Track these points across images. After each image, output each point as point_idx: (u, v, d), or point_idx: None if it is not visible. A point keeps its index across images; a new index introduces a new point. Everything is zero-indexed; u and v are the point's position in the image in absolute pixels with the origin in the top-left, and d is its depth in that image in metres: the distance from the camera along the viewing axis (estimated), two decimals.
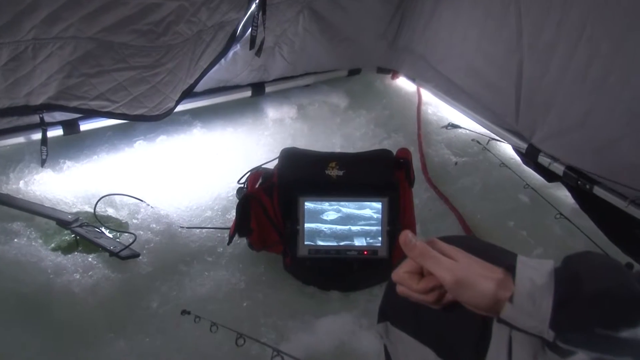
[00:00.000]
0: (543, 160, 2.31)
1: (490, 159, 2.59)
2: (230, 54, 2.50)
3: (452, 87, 2.75)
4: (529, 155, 2.38)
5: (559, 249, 2.12)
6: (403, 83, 3.17)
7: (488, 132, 2.64)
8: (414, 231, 1.99)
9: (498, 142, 2.66)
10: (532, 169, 2.44)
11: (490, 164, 2.57)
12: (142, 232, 2.08)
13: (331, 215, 1.88)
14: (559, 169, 2.25)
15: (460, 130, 2.81)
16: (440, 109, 2.97)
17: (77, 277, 1.88)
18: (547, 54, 2.19)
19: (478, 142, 2.66)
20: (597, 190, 2.11)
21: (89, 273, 1.90)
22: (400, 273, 0.94)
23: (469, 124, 2.80)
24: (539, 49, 2.23)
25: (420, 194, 2.36)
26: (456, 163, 2.61)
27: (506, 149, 2.63)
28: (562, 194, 2.37)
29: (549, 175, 2.36)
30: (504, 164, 2.49)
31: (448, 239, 0.94)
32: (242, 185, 2.12)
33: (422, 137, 2.76)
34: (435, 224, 2.24)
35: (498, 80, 2.46)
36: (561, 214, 2.17)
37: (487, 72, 2.51)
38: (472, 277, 0.86)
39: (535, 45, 2.25)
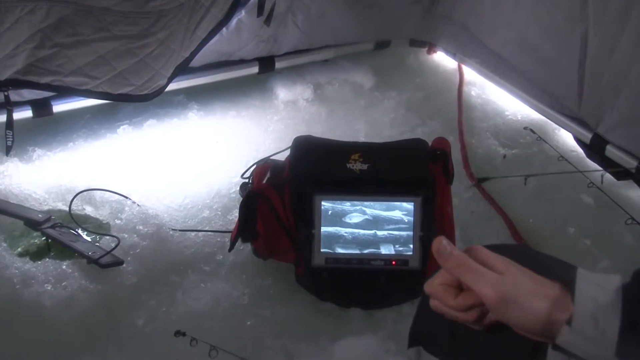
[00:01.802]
0: (611, 153, 2.30)
1: (546, 151, 2.57)
2: (234, 21, 2.51)
3: (501, 63, 2.74)
4: (594, 147, 2.36)
5: (629, 261, 2.11)
6: (441, 58, 3.16)
7: (544, 118, 2.63)
8: (452, 238, 1.98)
9: (556, 131, 2.65)
10: (598, 164, 2.43)
11: (546, 158, 2.55)
12: (126, 235, 2.08)
13: (353, 218, 1.88)
14: (630, 163, 2.23)
15: (509, 115, 2.80)
16: (485, 91, 2.97)
17: (49, 288, 1.89)
18: (617, 24, 2.17)
19: (532, 130, 2.64)
20: None
21: (63, 283, 1.91)
22: (434, 285, 0.94)
23: (520, 109, 2.79)
24: (607, 17, 2.22)
25: (461, 193, 2.36)
26: (505, 156, 2.61)
27: (566, 139, 2.62)
28: (635, 195, 2.35)
29: (619, 172, 2.34)
30: (563, 157, 2.48)
31: (493, 248, 0.93)
32: (247, 181, 2.13)
33: (463, 125, 2.76)
34: (479, 229, 2.23)
35: (557, 56, 2.44)
36: (633, 219, 2.15)
37: (544, 46, 2.50)
38: (521, 295, 0.85)
39: (602, 13, 2.23)
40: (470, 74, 3.02)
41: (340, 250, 1.89)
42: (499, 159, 2.59)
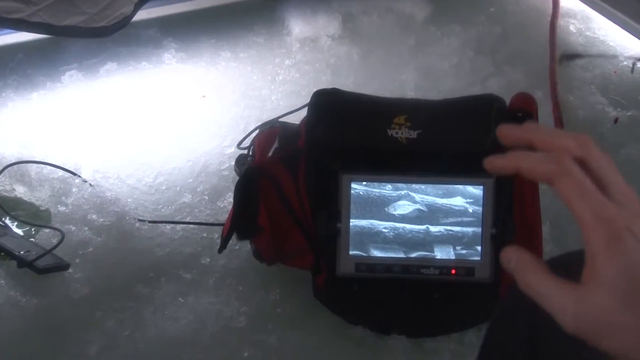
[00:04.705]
0: None
1: None
2: None
3: None
4: None
5: None
6: None
7: None
8: (537, 236, 1.96)
9: None
10: None
11: None
12: (73, 228, 2.11)
13: (398, 208, 1.88)
14: None
15: (623, 62, 2.79)
16: (590, 25, 2.95)
17: None
18: None
19: None
20: None
21: None
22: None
23: None
24: None
25: None
26: (616, 120, 2.60)
27: None
28: None
29: None
30: None
31: (567, 258, 0.93)
32: (246, 152, 2.14)
33: (556, 74, 2.75)
34: (576, 224, 2.22)
35: None
36: None
37: None
38: (605, 325, 0.85)
39: None
40: (569, 1, 3.01)
41: (377, 253, 1.89)
42: (608, 124, 2.59)
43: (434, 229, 1.88)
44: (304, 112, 1.99)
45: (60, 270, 1.98)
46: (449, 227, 1.88)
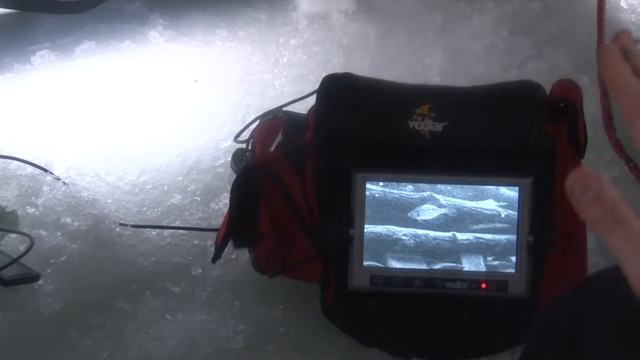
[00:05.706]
0: None
1: None
2: None
3: None
4: None
5: None
6: None
7: None
8: (581, 245, 1.95)
9: None
10: None
11: None
12: (44, 233, 2.11)
13: (422, 212, 1.88)
14: None
15: None
16: None
17: None
18: None
19: None
20: None
21: None
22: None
23: None
24: None
25: (599, 172, 2.33)
26: None
27: None
28: None
29: None
30: None
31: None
32: (244, 146, 2.14)
33: None
34: None
35: None
36: None
37: None
38: None
39: None
40: None
41: (395, 264, 1.88)
42: None
43: (461, 236, 1.87)
44: (312, 100, 1.99)
45: (28, 282, 1.98)
46: (479, 235, 1.87)
